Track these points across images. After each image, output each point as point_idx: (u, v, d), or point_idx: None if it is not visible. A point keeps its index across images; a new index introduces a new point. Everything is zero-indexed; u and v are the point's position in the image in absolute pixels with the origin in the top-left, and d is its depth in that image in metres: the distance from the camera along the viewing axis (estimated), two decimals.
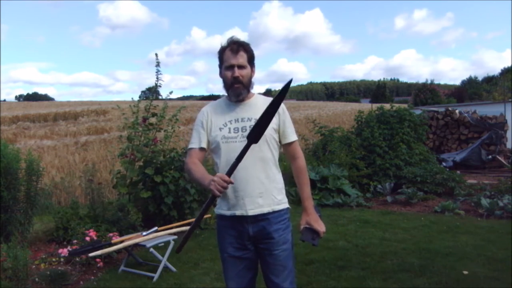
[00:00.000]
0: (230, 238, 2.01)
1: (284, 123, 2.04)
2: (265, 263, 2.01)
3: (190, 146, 2.06)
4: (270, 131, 1.96)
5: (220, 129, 2.00)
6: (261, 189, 1.95)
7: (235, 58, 1.97)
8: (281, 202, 2.02)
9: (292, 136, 2.06)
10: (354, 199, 6.79)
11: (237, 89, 1.98)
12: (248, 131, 1.92)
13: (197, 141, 2.04)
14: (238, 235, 1.98)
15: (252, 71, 2.05)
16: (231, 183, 1.80)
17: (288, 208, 2.06)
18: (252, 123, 1.95)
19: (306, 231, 2.01)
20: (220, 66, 2.04)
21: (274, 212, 1.98)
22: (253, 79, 2.05)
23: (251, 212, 1.94)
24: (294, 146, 2.08)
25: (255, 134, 1.86)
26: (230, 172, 1.81)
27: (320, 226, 2.00)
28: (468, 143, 10.77)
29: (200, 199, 5.43)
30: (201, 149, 2.04)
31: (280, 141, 2.06)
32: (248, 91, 2.04)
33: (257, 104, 2.03)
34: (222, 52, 2.02)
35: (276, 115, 1.97)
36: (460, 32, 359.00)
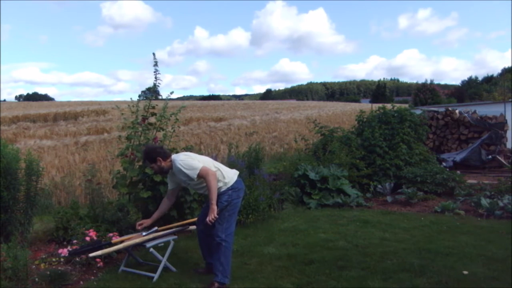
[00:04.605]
0: None
1: (186, 175, 3.59)
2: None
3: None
4: (186, 180, 3.68)
5: None
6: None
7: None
8: (220, 189, 3.64)
9: (194, 176, 3.56)
10: (354, 199, 6.78)
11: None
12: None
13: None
14: None
15: (157, 161, 3.69)
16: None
17: (222, 191, 3.65)
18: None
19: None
20: None
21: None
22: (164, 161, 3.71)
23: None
24: (200, 176, 3.56)
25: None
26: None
27: (209, 215, 3.47)
28: (468, 143, 10.77)
29: (200, 199, 5.43)
30: None
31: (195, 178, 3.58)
32: (162, 172, 3.84)
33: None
34: None
35: (183, 174, 3.60)
36: (463, 32, 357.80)
